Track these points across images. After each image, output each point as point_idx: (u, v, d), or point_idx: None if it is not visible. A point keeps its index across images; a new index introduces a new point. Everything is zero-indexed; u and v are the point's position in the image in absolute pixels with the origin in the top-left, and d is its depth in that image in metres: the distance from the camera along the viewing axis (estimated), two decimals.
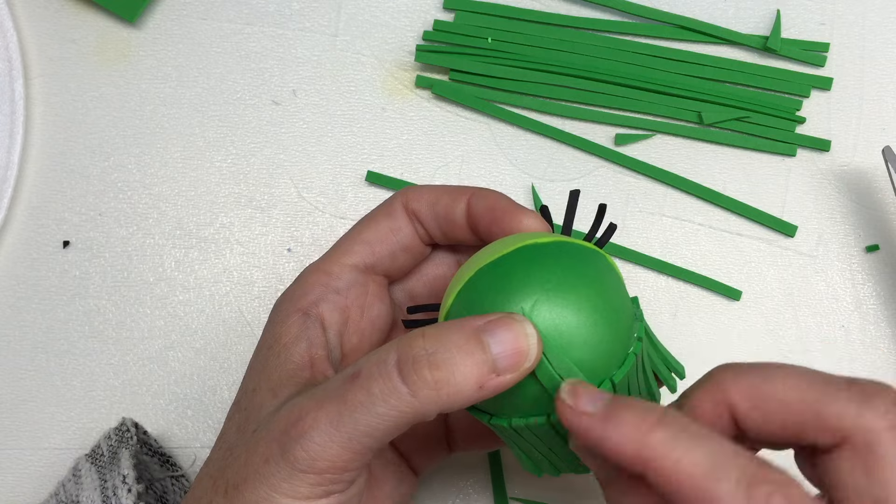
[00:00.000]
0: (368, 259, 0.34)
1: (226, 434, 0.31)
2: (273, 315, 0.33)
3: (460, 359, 0.27)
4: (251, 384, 0.31)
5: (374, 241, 0.34)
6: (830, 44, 0.47)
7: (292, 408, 0.28)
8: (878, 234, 0.46)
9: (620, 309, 0.29)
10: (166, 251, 0.45)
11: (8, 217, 0.45)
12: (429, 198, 0.34)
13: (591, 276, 0.29)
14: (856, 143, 0.47)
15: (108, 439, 0.41)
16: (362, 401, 0.26)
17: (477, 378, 0.27)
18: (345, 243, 0.34)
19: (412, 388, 0.26)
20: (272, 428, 0.28)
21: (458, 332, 0.27)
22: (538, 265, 0.29)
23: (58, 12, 0.47)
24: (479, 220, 0.33)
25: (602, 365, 0.28)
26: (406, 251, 0.34)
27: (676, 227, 0.46)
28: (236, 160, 0.46)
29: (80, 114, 0.46)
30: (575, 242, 0.30)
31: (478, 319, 0.28)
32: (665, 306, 0.45)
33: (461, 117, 0.47)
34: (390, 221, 0.34)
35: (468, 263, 0.31)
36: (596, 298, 0.28)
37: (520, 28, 0.47)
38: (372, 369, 0.27)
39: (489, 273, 0.29)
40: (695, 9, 0.47)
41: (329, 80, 0.47)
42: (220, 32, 0.47)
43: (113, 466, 0.39)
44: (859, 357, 0.45)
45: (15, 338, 0.45)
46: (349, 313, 0.33)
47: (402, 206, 0.34)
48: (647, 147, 0.46)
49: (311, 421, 0.27)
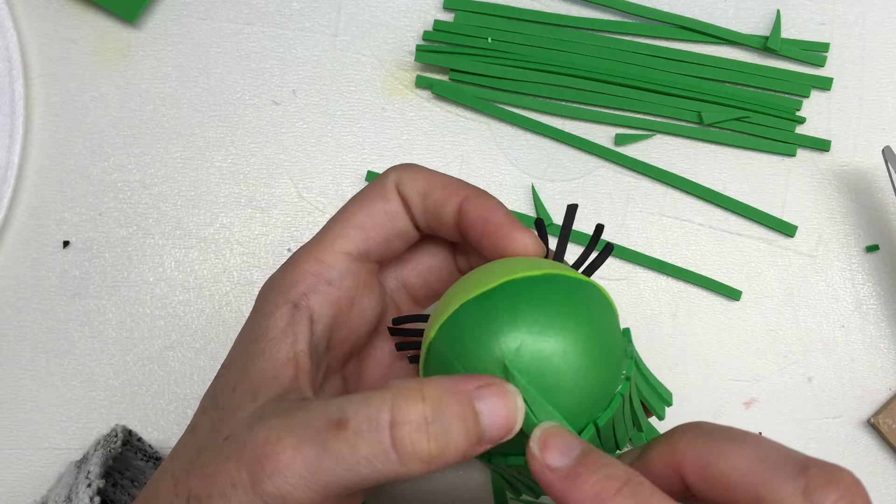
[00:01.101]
0: (362, 245, 0.32)
1: (197, 428, 0.29)
2: (260, 303, 0.31)
3: (456, 430, 0.25)
4: (231, 380, 0.29)
5: (368, 226, 0.32)
6: (830, 44, 0.47)
7: (268, 434, 0.26)
8: (878, 234, 0.46)
9: (610, 349, 0.28)
10: (166, 251, 0.45)
11: (8, 217, 0.45)
12: (422, 187, 0.32)
13: (582, 316, 0.28)
14: (856, 143, 0.47)
15: (96, 444, 0.40)
16: (346, 457, 0.25)
17: (466, 449, 0.26)
18: (337, 226, 0.32)
19: (403, 457, 0.25)
20: (245, 449, 0.26)
21: (455, 399, 0.25)
22: (526, 303, 0.27)
23: (58, 12, 0.47)
24: (469, 227, 0.31)
25: (586, 409, 0.27)
26: (401, 237, 0.32)
27: (676, 227, 0.46)
28: (236, 160, 0.46)
29: (80, 114, 0.46)
30: (567, 276, 0.29)
31: (470, 382, 0.26)
32: (665, 306, 0.45)
33: (461, 117, 0.47)
34: (385, 204, 0.32)
35: (455, 290, 0.29)
36: (585, 341, 0.27)
37: (520, 28, 0.47)
38: (361, 424, 0.25)
39: (475, 307, 0.28)
40: (695, 9, 0.47)
41: (329, 80, 0.47)
42: (220, 32, 0.47)
43: (84, 466, 0.38)
44: (859, 357, 0.45)
45: (15, 338, 0.45)
46: (340, 305, 0.31)
47: (395, 188, 0.32)
48: (647, 147, 0.46)
49: (286, 460, 0.25)
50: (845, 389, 0.45)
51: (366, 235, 0.32)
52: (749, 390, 0.45)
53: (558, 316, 0.27)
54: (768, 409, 0.44)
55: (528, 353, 0.26)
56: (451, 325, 0.28)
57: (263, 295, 0.31)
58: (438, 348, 0.28)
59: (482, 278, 0.29)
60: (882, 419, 0.43)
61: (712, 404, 0.44)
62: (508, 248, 0.30)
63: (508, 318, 0.27)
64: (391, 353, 0.35)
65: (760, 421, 0.44)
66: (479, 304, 0.28)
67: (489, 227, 0.31)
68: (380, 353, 0.34)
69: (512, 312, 0.27)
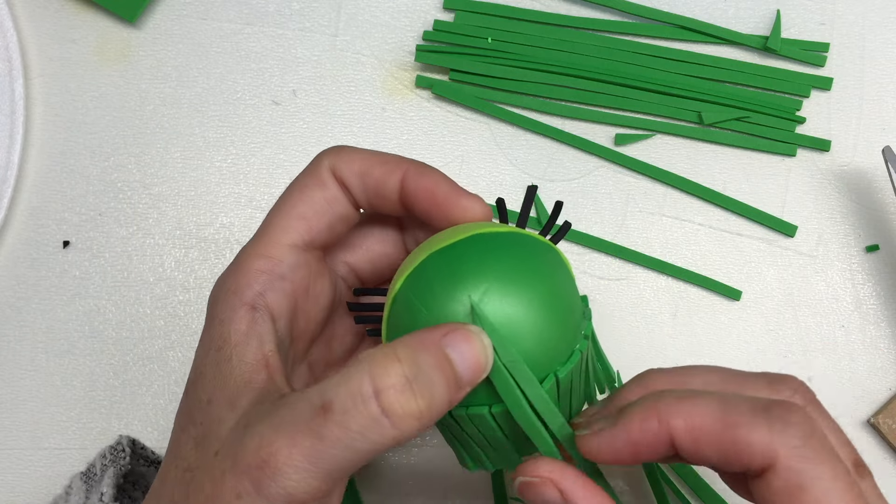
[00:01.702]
0: (307, 236, 0.31)
1: (180, 448, 0.29)
2: (215, 310, 0.30)
3: (437, 381, 0.26)
4: (204, 394, 0.29)
5: (310, 216, 0.31)
6: (830, 44, 0.47)
7: (260, 440, 0.26)
8: (878, 234, 0.46)
9: (570, 305, 0.29)
10: (166, 251, 0.45)
11: (8, 217, 0.45)
12: (358, 167, 0.32)
13: (544, 270, 0.29)
14: (856, 143, 0.47)
15: (103, 458, 0.40)
16: (340, 437, 0.25)
17: (449, 397, 0.26)
18: (280, 220, 0.31)
19: (395, 420, 0.25)
20: (239, 460, 0.26)
21: (428, 352, 0.26)
22: (491, 254, 0.28)
23: (58, 12, 0.47)
24: (414, 200, 0.31)
25: (548, 359, 0.28)
26: (343, 221, 0.32)
27: (676, 227, 0.46)
28: (236, 160, 0.46)
29: (80, 114, 0.46)
30: (529, 235, 0.30)
31: (436, 332, 0.26)
32: (665, 306, 0.45)
33: (461, 117, 0.47)
34: (323, 191, 0.32)
35: (420, 248, 0.30)
36: (547, 292, 0.28)
37: (520, 28, 0.47)
38: (346, 402, 0.25)
39: (440, 258, 0.29)
40: (695, 9, 0.47)
41: (329, 80, 0.47)
42: (220, 32, 0.47)
43: (97, 484, 0.38)
44: (859, 357, 0.45)
45: (15, 338, 0.45)
46: (296, 297, 0.31)
47: (330, 173, 0.32)
48: (647, 147, 0.46)
49: (284, 458, 0.25)
50: (845, 389, 0.45)
51: (309, 225, 0.31)
52: None
53: (522, 267, 0.28)
54: None
55: (494, 298, 0.27)
56: (418, 275, 0.29)
57: (216, 300, 0.31)
58: (405, 297, 0.29)
59: (446, 238, 0.29)
60: (882, 419, 0.43)
61: None
62: (457, 215, 0.31)
63: (476, 266, 0.28)
64: (351, 331, 0.35)
65: None
66: (447, 254, 0.29)
67: (436, 197, 0.31)
68: (340, 332, 0.35)
69: (479, 261, 0.28)
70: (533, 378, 0.27)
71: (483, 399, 0.28)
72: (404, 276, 0.29)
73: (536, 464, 0.27)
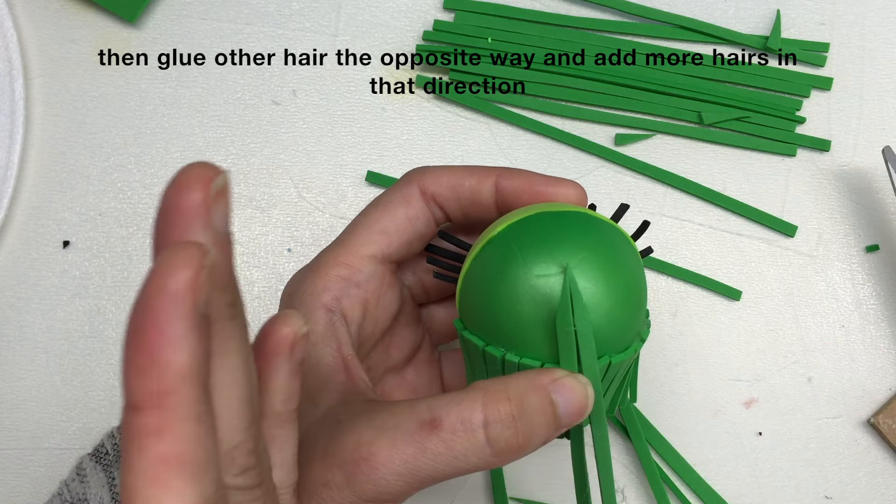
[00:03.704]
0: (386, 249, 0.33)
1: None
2: (291, 307, 0.32)
3: (538, 423, 0.28)
4: None
5: (391, 231, 0.33)
6: (830, 44, 0.47)
7: (359, 438, 0.28)
8: (878, 234, 0.46)
9: (642, 303, 0.31)
10: None
11: (8, 217, 0.45)
12: (449, 180, 0.33)
13: (632, 265, 0.30)
14: (856, 143, 0.47)
15: (112, 437, 0.40)
16: (442, 454, 0.27)
17: (547, 436, 0.28)
18: (362, 232, 0.33)
19: (496, 450, 0.27)
20: (333, 453, 0.28)
21: (536, 396, 0.28)
22: (594, 232, 0.29)
23: (58, 12, 0.47)
24: (513, 199, 0.33)
25: (610, 340, 0.29)
26: (421, 238, 0.34)
27: (676, 227, 0.46)
28: (236, 160, 0.46)
29: (80, 114, 0.46)
30: (624, 232, 0.31)
31: (544, 377, 0.28)
32: (665, 306, 0.45)
33: (461, 117, 0.47)
34: (407, 209, 0.33)
35: (512, 213, 0.31)
36: (630, 283, 0.30)
37: (520, 28, 0.47)
38: (456, 425, 0.27)
39: (549, 219, 0.30)
40: (695, 9, 0.47)
41: (329, 80, 0.47)
42: (220, 32, 0.47)
43: (115, 464, 0.38)
44: (859, 357, 0.45)
45: (15, 338, 0.45)
46: (368, 305, 0.33)
47: (419, 192, 0.33)
48: (647, 147, 0.46)
49: (384, 460, 0.27)
50: (845, 389, 0.45)
51: (389, 240, 0.33)
52: (749, 390, 0.45)
53: (617, 255, 0.30)
54: (768, 409, 0.44)
55: (587, 269, 0.29)
56: (524, 226, 0.30)
57: (291, 298, 0.32)
58: (503, 241, 0.30)
59: (545, 207, 0.31)
60: (882, 419, 0.43)
61: (712, 404, 0.44)
62: (560, 197, 0.33)
63: (579, 236, 0.29)
64: (409, 339, 0.36)
65: (760, 421, 0.44)
66: (554, 218, 0.30)
67: (534, 186, 0.33)
68: (399, 340, 0.36)
69: (583, 233, 0.29)
70: (594, 351, 0.28)
71: (538, 353, 0.29)
72: (506, 223, 0.30)
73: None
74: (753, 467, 0.44)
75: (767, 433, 0.44)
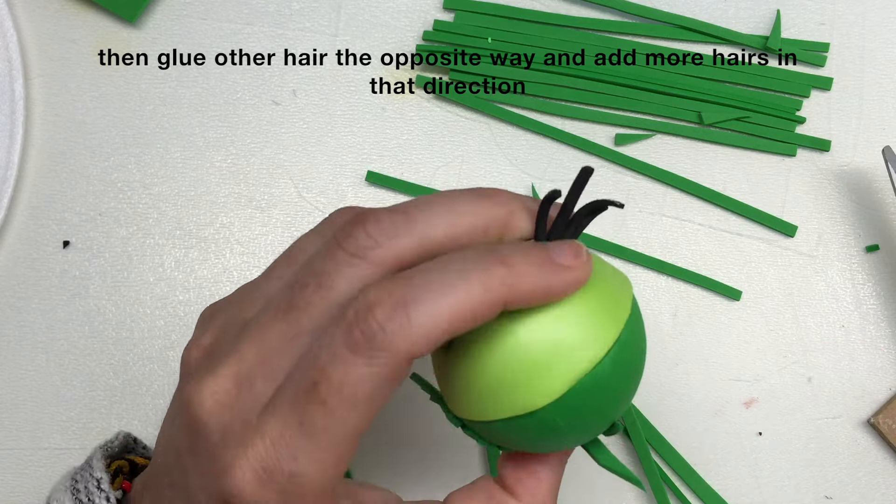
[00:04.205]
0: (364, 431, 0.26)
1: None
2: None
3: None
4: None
5: (372, 416, 0.25)
6: (830, 44, 0.47)
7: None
8: (878, 234, 0.46)
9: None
10: (166, 251, 0.45)
11: (8, 217, 0.45)
12: (447, 326, 0.24)
13: (644, 343, 0.28)
14: (856, 143, 0.47)
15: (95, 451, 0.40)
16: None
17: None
18: (347, 441, 0.25)
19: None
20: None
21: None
22: (629, 380, 0.27)
23: (58, 12, 0.47)
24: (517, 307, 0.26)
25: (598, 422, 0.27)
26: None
27: (676, 227, 0.46)
28: (236, 160, 0.46)
29: (80, 114, 0.46)
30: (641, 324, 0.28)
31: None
32: (665, 306, 0.45)
33: (461, 117, 0.47)
34: (384, 401, 0.25)
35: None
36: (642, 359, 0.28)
37: (520, 28, 0.47)
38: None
39: (592, 388, 0.26)
40: (695, 9, 0.47)
41: (329, 80, 0.47)
42: (220, 32, 0.47)
43: (84, 469, 0.37)
44: (859, 357, 0.45)
45: (15, 338, 0.45)
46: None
47: (409, 364, 0.24)
48: (647, 147, 0.46)
49: None
50: (845, 389, 0.45)
51: (369, 425, 0.25)
52: (749, 390, 0.45)
53: (641, 364, 0.28)
54: (768, 409, 0.44)
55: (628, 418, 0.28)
56: (568, 403, 0.25)
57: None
58: (550, 420, 0.26)
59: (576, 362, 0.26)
60: (882, 419, 0.43)
61: (712, 404, 0.44)
62: (570, 286, 0.26)
63: (620, 394, 0.27)
64: None
65: (760, 421, 0.44)
66: (595, 383, 0.25)
67: (547, 291, 0.26)
68: None
69: (621, 389, 0.26)
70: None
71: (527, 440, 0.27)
72: (549, 398, 0.25)
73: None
74: (753, 467, 0.44)
75: (767, 433, 0.44)
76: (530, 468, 0.28)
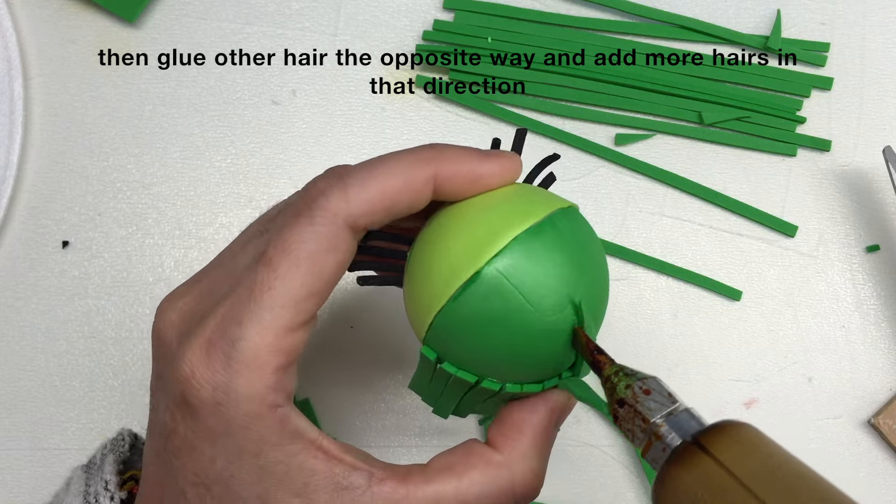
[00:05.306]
0: (317, 307, 0.27)
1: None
2: (226, 416, 0.26)
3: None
4: (249, 493, 0.27)
5: (322, 290, 0.27)
6: (830, 44, 0.47)
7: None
8: (878, 234, 0.46)
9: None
10: (166, 251, 0.45)
11: (7, 217, 0.45)
12: (380, 203, 0.27)
13: (601, 254, 0.30)
14: (856, 143, 0.47)
15: (103, 448, 0.40)
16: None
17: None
18: (288, 303, 0.26)
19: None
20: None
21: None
22: (577, 244, 0.28)
23: (58, 12, 0.47)
24: (452, 191, 0.29)
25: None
26: (345, 267, 0.28)
27: (676, 227, 0.46)
28: (236, 160, 0.46)
29: (79, 114, 0.46)
30: (571, 209, 0.29)
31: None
32: (665, 306, 0.45)
33: (461, 117, 0.47)
34: (336, 255, 0.27)
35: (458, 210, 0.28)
36: (606, 274, 0.30)
37: (520, 28, 0.46)
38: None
39: (523, 251, 0.27)
40: (695, 9, 0.47)
41: (329, 80, 0.47)
42: (220, 32, 0.47)
43: (97, 472, 0.38)
44: (859, 357, 0.45)
45: (15, 338, 0.45)
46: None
47: (346, 228, 0.27)
48: (647, 147, 0.46)
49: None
50: (845, 389, 0.45)
51: (320, 298, 0.27)
52: (749, 390, 0.45)
53: (601, 260, 0.30)
54: (768, 409, 0.44)
55: (589, 294, 0.28)
56: (509, 263, 0.27)
57: (219, 407, 0.26)
58: (496, 284, 0.27)
59: (510, 217, 0.28)
60: (882, 419, 0.43)
61: (712, 404, 0.44)
62: (498, 177, 0.29)
63: (570, 259, 0.28)
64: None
65: (760, 421, 0.44)
66: (534, 240, 0.27)
67: (475, 175, 0.28)
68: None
69: (572, 256, 0.28)
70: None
71: (534, 377, 0.29)
72: (493, 252, 0.27)
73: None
74: None
75: (768, 433, 0.44)
76: (515, 424, 0.30)
